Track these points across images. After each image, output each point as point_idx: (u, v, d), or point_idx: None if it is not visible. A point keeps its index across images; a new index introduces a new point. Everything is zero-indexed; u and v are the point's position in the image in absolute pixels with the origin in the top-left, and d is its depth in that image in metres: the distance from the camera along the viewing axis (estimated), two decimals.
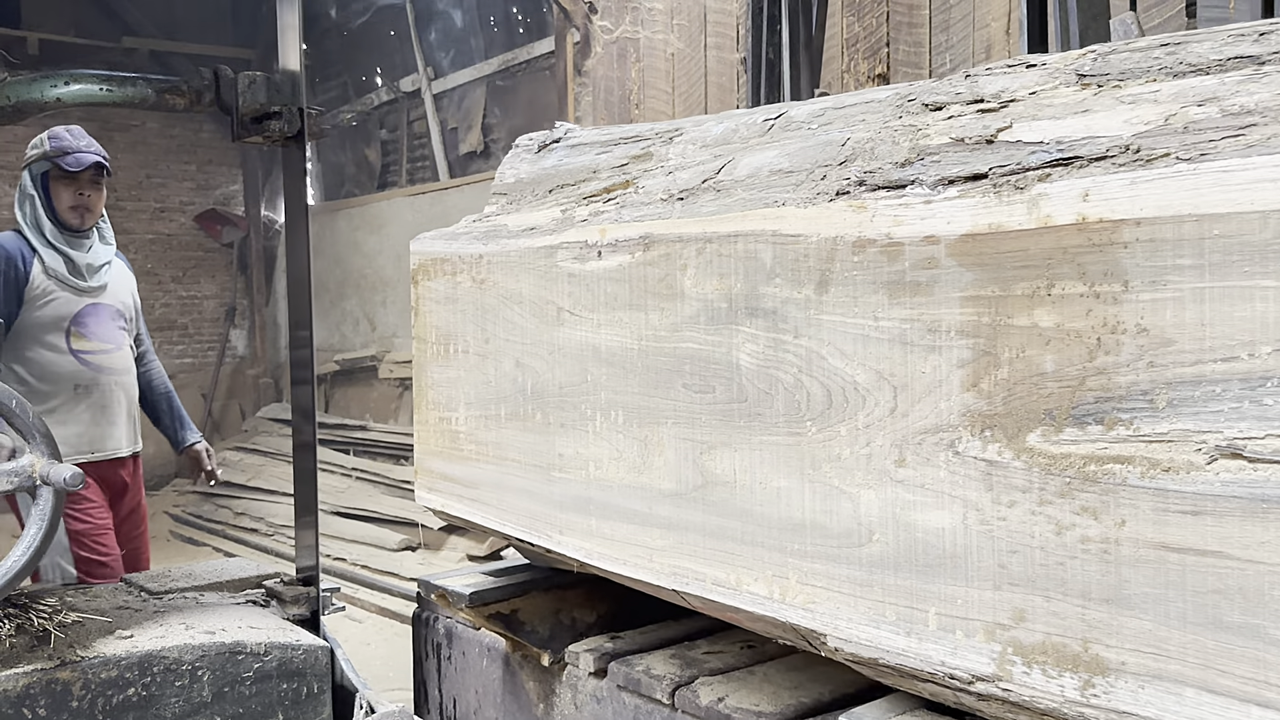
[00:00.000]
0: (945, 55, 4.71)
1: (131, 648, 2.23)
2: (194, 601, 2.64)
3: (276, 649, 2.35)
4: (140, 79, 2.78)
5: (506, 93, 9.01)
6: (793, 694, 1.75)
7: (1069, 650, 1.10)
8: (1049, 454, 1.11)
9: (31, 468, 1.86)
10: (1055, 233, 1.09)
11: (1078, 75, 1.26)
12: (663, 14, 6.81)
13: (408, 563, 7.37)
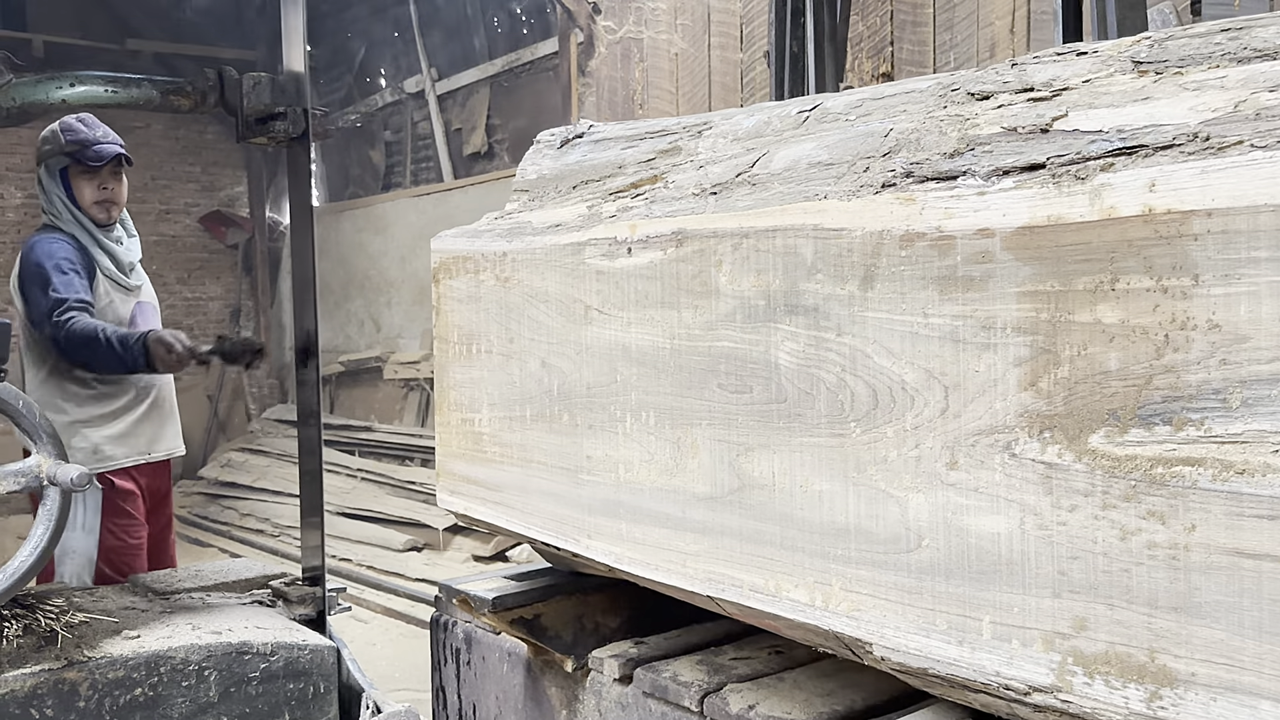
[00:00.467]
0: (949, 54, 4.68)
1: (138, 648, 2.23)
2: (200, 602, 2.65)
3: (283, 649, 2.35)
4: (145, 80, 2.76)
5: (510, 93, 8.98)
6: (825, 701, 1.71)
7: (1134, 660, 1.06)
8: (1113, 456, 1.06)
9: (38, 468, 1.87)
10: (1120, 225, 1.05)
11: (1134, 62, 1.21)
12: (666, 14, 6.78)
13: (413, 563, 7.34)
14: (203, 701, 2.26)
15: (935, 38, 4.74)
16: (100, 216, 3.28)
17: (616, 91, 7.33)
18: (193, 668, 2.26)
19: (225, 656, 2.28)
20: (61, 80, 2.67)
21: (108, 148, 3.26)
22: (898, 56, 4.80)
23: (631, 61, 7.17)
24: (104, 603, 2.57)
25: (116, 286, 3.30)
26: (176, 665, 2.24)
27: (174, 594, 2.68)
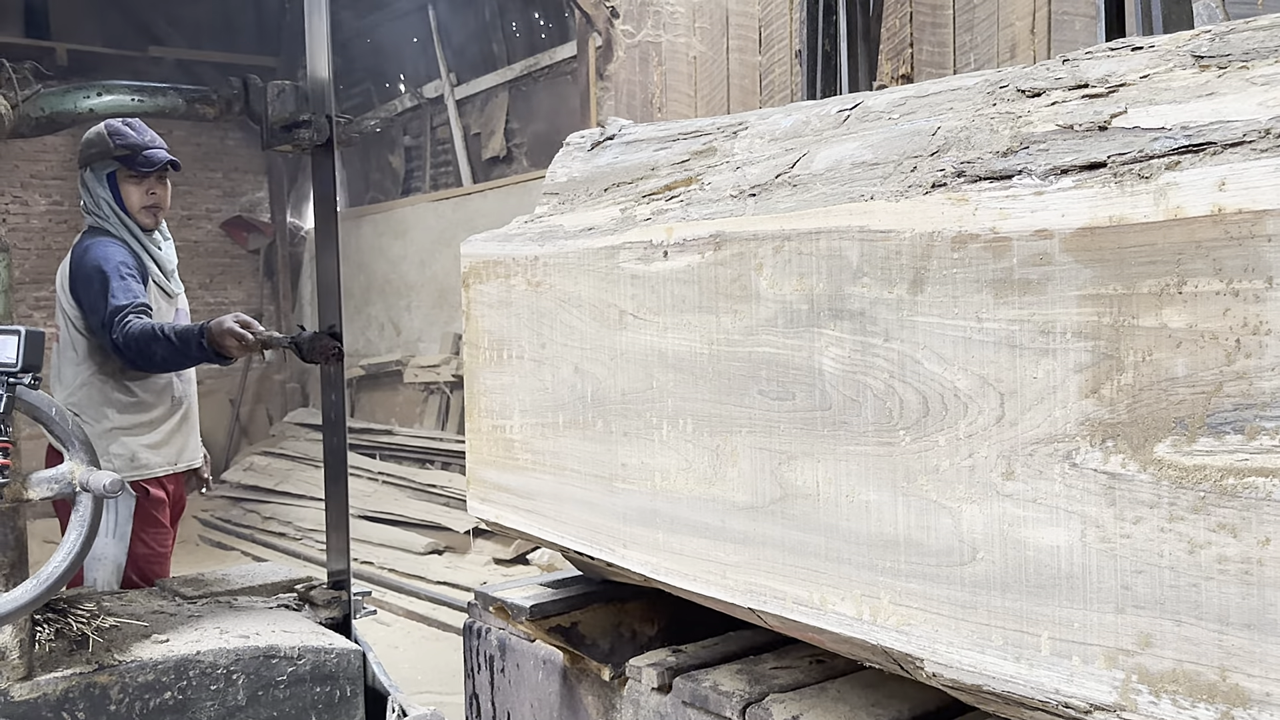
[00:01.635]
0: (969, 55, 4.63)
1: (168, 652, 2.24)
2: (228, 606, 2.67)
3: (310, 653, 2.35)
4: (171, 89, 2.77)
5: (529, 98, 8.96)
6: (870, 712, 1.67)
7: (1204, 679, 1.01)
8: (1180, 466, 1.01)
9: (71, 474, 1.87)
10: (1187, 225, 1.00)
11: (1194, 56, 1.16)
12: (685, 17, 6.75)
13: (434, 566, 7.32)
14: (231, 705, 2.27)
15: (955, 39, 4.70)
16: (147, 221, 3.26)
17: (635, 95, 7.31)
18: (221, 671, 2.26)
19: (253, 660, 2.29)
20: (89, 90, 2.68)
21: (157, 153, 3.25)
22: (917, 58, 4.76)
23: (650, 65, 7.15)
24: (133, 607, 2.58)
25: (162, 293, 3.29)
26: (205, 669, 2.24)
27: (201, 598, 2.69)
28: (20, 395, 1.83)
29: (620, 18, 7.48)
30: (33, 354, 1.82)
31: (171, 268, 3.38)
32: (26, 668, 2.07)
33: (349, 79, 10.81)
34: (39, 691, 2.06)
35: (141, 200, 3.23)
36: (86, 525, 1.87)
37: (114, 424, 3.16)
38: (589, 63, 7.65)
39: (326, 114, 2.75)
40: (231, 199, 11.03)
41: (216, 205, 10.92)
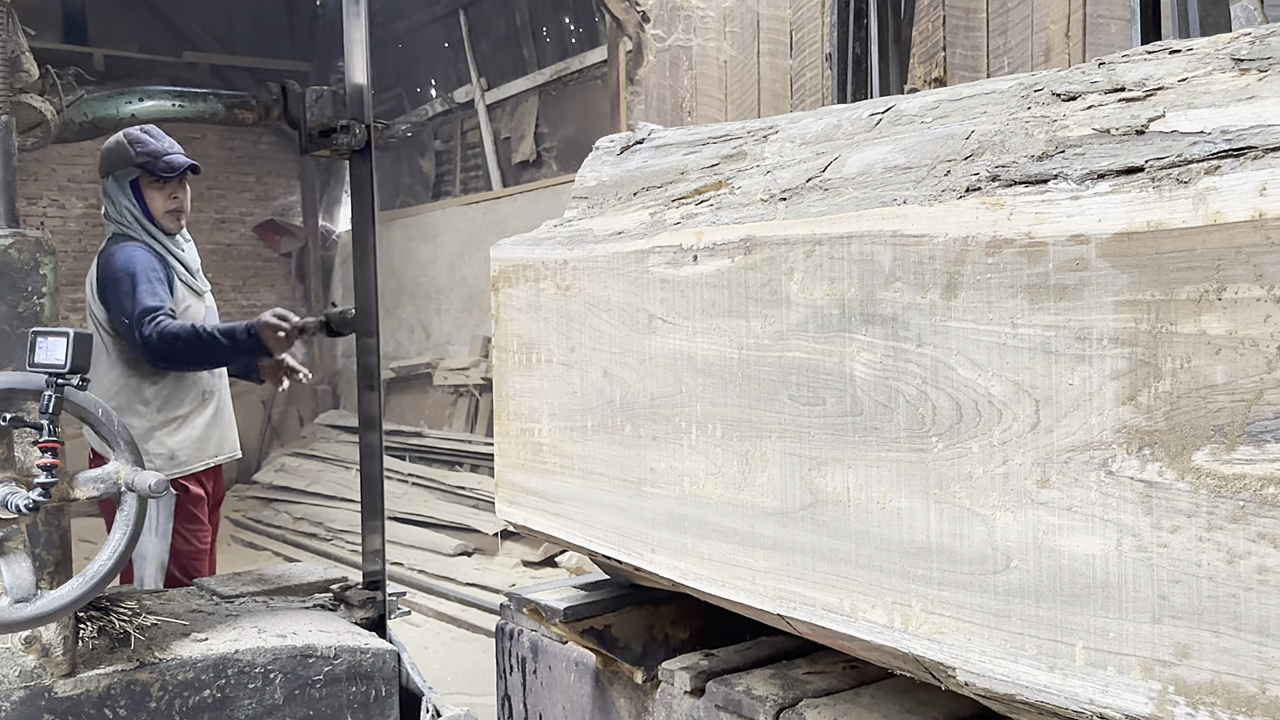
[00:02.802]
0: (1003, 59, 4.59)
1: (207, 650, 2.26)
2: (264, 605, 2.68)
3: (346, 652, 2.36)
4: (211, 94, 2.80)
5: (559, 102, 8.99)
6: (904, 718, 1.66)
7: (1243, 691, 0.99)
8: (1219, 474, 1.00)
9: (117, 474, 1.88)
10: (1226, 231, 0.99)
11: (1234, 60, 1.15)
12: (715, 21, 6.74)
13: (463, 567, 7.35)
14: (268, 703, 2.28)
15: (989, 42, 4.66)
16: (171, 226, 3.34)
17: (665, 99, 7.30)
18: (259, 670, 2.27)
19: (290, 659, 2.30)
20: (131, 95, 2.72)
21: (177, 159, 3.32)
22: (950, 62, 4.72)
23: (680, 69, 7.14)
24: (172, 605, 2.60)
25: (191, 292, 3.36)
26: (243, 668, 2.26)
27: (239, 597, 2.71)
28: (68, 396, 1.85)
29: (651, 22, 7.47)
30: (81, 356, 1.84)
31: (196, 266, 3.46)
32: (70, 664, 2.10)
33: (381, 84, 10.88)
34: (82, 688, 2.09)
35: (165, 205, 3.30)
36: (131, 525, 1.89)
37: (149, 423, 3.21)
38: (619, 67, 7.65)
39: (364, 120, 2.77)
40: (264, 203, 11.13)
41: (249, 209, 11.02)
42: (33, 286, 2.05)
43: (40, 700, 2.05)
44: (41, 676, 2.07)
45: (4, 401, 1.85)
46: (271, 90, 2.80)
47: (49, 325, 2.05)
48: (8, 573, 1.84)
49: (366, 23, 2.79)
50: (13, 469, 1.89)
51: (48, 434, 1.83)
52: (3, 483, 1.85)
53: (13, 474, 1.88)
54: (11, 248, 2.03)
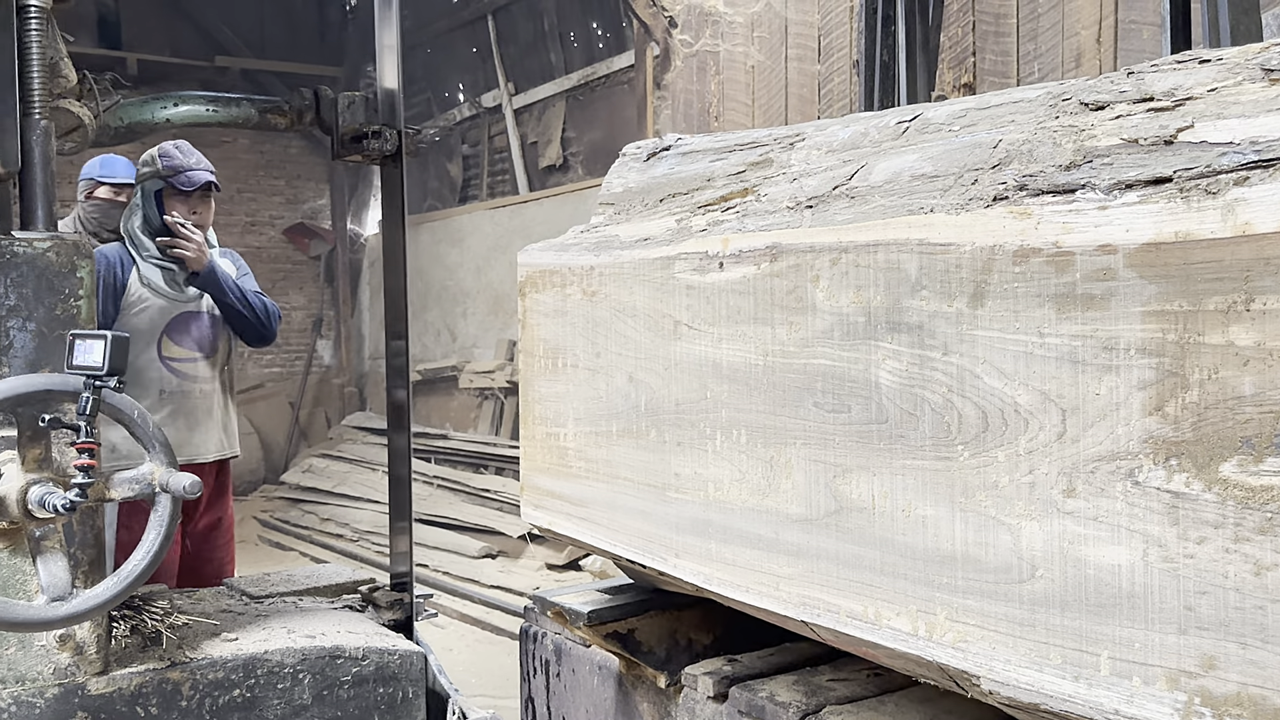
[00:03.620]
0: (1034, 64, 4.56)
1: (237, 650, 2.28)
2: (293, 606, 2.69)
3: (374, 654, 2.37)
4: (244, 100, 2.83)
5: (586, 107, 9.01)
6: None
7: (1271, 704, 0.99)
8: (1247, 486, 0.99)
9: (151, 476, 1.90)
10: (1255, 242, 0.98)
11: (1264, 70, 1.14)
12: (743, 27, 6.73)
13: (488, 570, 7.37)
14: (297, 704, 2.29)
15: (1019, 48, 4.63)
16: None
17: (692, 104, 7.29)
18: (288, 670, 2.29)
19: (319, 660, 2.31)
20: (166, 100, 2.75)
21: (199, 174, 3.44)
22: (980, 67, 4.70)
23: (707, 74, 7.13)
24: (203, 605, 2.63)
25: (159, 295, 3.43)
26: (273, 668, 2.27)
27: (268, 598, 2.72)
28: (105, 398, 1.86)
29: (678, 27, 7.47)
30: (118, 358, 1.86)
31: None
32: (103, 662, 2.12)
33: (409, 88, 10.95)
34: (115, 686, 2.11)
35: (184, 217, 3.42)
36: (165, 525, 1.90)
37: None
38: (646, 72, 7.65)
39: (396, 126, 2.80)
40: (294, 206, 11.22)
41: (280, 212, 11.11)
42: (70, 289, 2.08)
43: (74, 697, 2.08)
44: (75, 674, 2.09)
45: (42, 403, 1.87)
46: (304, 96, 2.83)
47: (86, 328, 2.08)
48: (44, 571, 1.86)
49: (398, 28, 2.79)
50: (50, 469, 1.91)
51: (85, 435, 1.85)
52: (40, 483, 1.87)
53: (50, 474, 1.90)
54: (50, 251, 2.06)
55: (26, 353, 2.04)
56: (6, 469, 1.91)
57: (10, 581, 2.00)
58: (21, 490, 1.86)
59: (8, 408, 1.85)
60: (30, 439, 1.89)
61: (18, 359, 2.03)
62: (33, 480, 1.87)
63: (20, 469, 1.89)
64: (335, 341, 11.46)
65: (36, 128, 2.11)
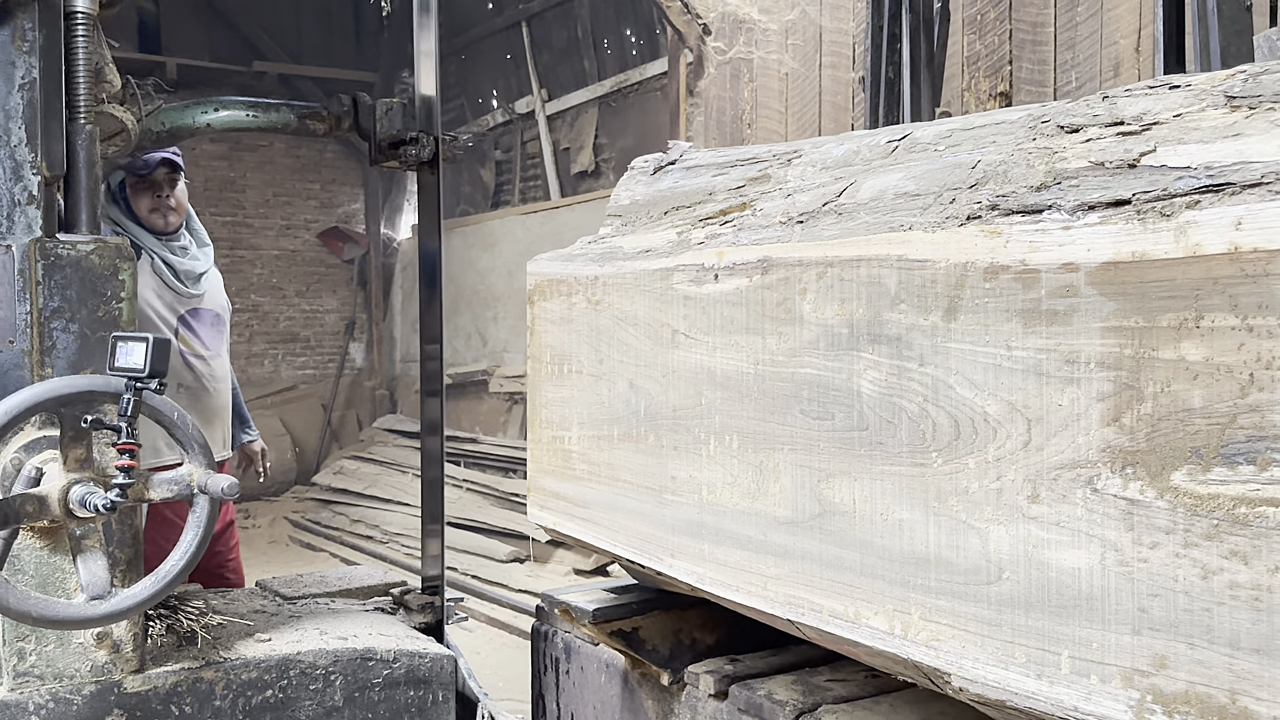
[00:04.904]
0: (1071, 74, 4.55)
1: (270, 651, 2.30)
2: (325, 607, 2.70)
3: (405, 656, 2.38)
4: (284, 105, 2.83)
5: (618, 113, 9.08)
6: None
7: (1214, 701, 1.04)
8: (1195, 494, 1.05)
9: (190, 477, 1.92)
10: (1205, 262, 1.04)
11: (1227, 97, 1.19)
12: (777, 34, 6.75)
13: (516, 574, 7.44)
14: (328, 705, 2.31)
15: (1056, 57, 4.62)
16: (158, 224, 3.32)
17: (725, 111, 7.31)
18: (320, 672, 2.30)
19: (351, 662, 2.32)
20: (206, 105, 2.73)
21: (153, 155, 3.28)
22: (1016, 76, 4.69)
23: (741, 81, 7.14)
24: (236, 605, 2.65)
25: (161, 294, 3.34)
26: (305, 669, 2.29)
27: (300, 599, 2.74)
28: (146, 400, 1.88)
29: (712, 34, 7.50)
30: (159, 360, 1.87)
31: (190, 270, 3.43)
32: (139, 661, 2.15)
33: (444, 94, 11.07)
34: (150, 684, 2.14)
35: (150, 204, 3.29)
36: (203, 526, 1.93)
37: None
38: (679, 79, 7.69)
39: (433, 133, 2.76)
40: (328, 210, 11.38)
41: (314, 216, 11.28)
42: (112, 291, 2.10)
43: (110, 695, 2.10)
44: (112, 672, 2.11)
45: (84, 404, 1.89)
46: (342, 101, 2.81)
47: (128, 330, 2.09)
48: (84, 570, 1.88)
49: (436, 35, 2.78)
50: (91, 469, 1.93)
51: (126, 436, 1.86)
52: (82, 483, 1.89)
53: (91, 474, 1.92)
54: (93, 253, 2.08)
55: (69, 354, 2.06)
56: (49, 468, 1.94)
57: (50, 579, 2.03)
58: (63, 490, 1.88)
59: (51, 408, 1.87)
60: (72, 439, 1.92)
61: (60, 360, 2.05)
62: (74, 480, 1.89)
63: (62, 469, 1.91)
64: (367, 344, 11.60)
65: (81, 132, 2.14)
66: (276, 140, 10.64)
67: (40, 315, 2.05)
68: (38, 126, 2.04)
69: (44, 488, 1.89)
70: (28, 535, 1.99)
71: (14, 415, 1.82)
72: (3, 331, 2.05)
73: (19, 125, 2.03)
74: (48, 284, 2.04)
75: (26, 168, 2.04)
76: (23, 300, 2.04)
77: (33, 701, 2.02)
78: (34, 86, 2.04)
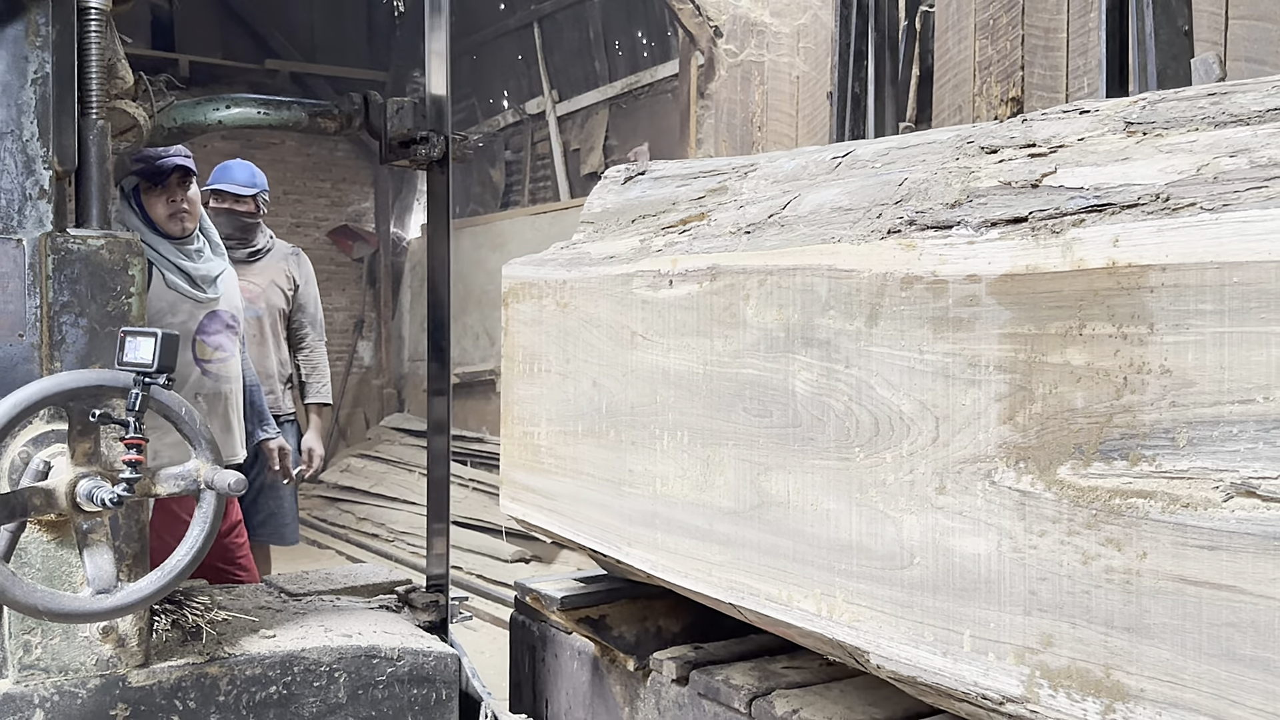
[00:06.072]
0: (1083, 79, 4.59)
1: (274, 647, 2.30)
2: (331, 605, 2.70)
3: (409, 654, 2.38)
4: (295, 103, 2.83)
5: (629, 115, 9.15)
6: (866, 710, 1.80)
7: (1092, 676, 1.14)
8: (1078, 486, 1.15)
9: (197, 472, 1.94)
10: (1087, 275, 1.14)
11: (1125, 123, 1.30)
12: (789, 38, 6.80)
13: (521, 574, 7.52)
14: (332, 702, 2.31)
15: (1068, 62, 4.64)
16: (174, 229, 3.38)
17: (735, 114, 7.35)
18: (324, 669, 2.30)
19: (355, 659, 2.33)
20: (219, 102, 2.74)
21: (169, 160, 3.34)
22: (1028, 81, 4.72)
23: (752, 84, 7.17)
24: (242, 601, 2.66)
25: (186, 299, 3.41)
26: (309, 666, 2.30)
27: (306, 596, 2.75)
28: (154, 395, 1.89)
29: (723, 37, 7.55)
30: (168, 356, 1.88)
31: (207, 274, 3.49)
32: (144, 655, 2.16)
33: (455, 94, 11.15)
34: (155, 679, 2.15)
35: (166, 209, 3.34)
36: (209, 522, 1.94)
37: None
38: (690, 81, 7.74)
39: (444, 132, 2.75)
40: (339, 208, 11.51)
41: (324, 214, 11.41)
42: (122, 286, 2.10)
43: (115, 689, 2.11)
44: (116, 666, 2.12)
45: (93, 398, 1.89)
46: (354, 100, 2.82)
47: (137, 325, 2.09)
48: (91, 564, 1.89)
49: (447, 35, 2.78)
50: (99, 464, 1.94)
51: (133, 431, 1.87)
52: (89, 477, 1.90)
53: (99, 468, 1.92)
54: (103, 248, 2.08)
55: (78, 348, 2.06)
56: (56, 462, 1.94)
57: (56, 573, 2.04)
58: (70, 483, 1.88)
59: (59, 402, 1.87)
60: (80, 433, 1.92)
61: (69, 354, 2.06)
62: (81, 474, 1.89)
63: (70, 462, 1.91)
64: (376, 343, 11.73)
65: (93, 127, 2.14)
66: (287, 138, 10.77)
67: (50, 309, 2.05)
68: (50, 121, 2.04)
69: (51, 481, 1.90)
70: (35, 528, 2.00)
71: (23, 409, 1.82)
72: (13, 325, 2.05)
73: (31, 120, 2.03)
74: (58, 278, 2.04)
75: (38, 162, 2.05)
76: (33, 294, 2.04)
77: (38, 694, 2.03)
78: (47, 81, 2.04)
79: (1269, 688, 1.00)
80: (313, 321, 4.60)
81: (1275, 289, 1.00)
